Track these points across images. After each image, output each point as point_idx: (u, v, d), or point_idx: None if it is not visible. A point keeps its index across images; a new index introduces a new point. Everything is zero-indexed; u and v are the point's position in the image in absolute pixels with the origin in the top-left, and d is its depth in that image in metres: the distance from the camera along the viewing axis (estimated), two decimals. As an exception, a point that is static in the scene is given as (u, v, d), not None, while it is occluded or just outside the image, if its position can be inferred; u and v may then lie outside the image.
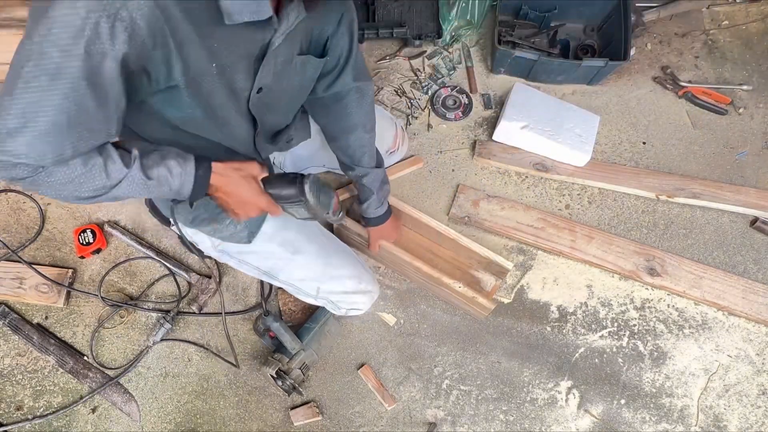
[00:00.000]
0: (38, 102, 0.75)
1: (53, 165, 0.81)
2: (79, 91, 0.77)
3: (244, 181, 1.06)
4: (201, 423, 1.54)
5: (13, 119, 0.75)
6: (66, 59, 0.73)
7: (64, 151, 0.81)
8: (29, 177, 0.81)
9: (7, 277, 1.63)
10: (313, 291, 1.39)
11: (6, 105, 0.75)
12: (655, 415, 1.58)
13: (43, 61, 0.73)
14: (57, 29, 0.72)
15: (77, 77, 0.75)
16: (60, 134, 0.78)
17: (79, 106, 0.78)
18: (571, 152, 1.77)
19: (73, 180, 0.84)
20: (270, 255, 1.33)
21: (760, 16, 2.12)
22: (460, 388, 1.59)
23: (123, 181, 0.89)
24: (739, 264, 1.73)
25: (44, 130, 0.77)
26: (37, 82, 0.74)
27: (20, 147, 0.76)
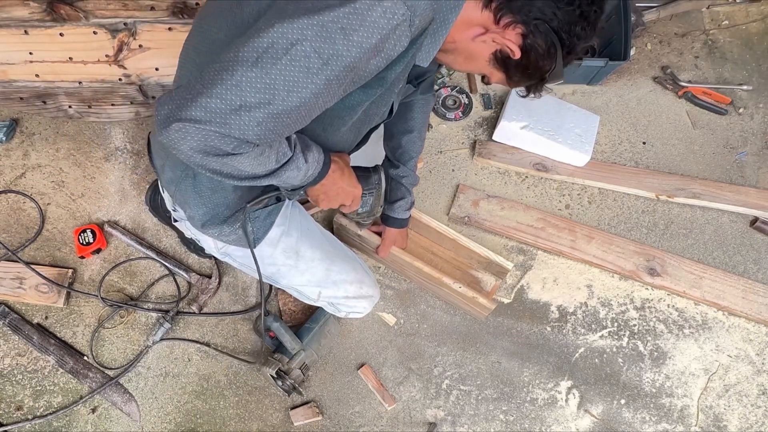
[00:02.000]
0: (296, 81, 0.74)
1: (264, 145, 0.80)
2: (341, 80, 0.77)
3: (347, 169, 1.13)
4: (201, 423, 1.54)
5: (256, 94, 0.73)
6: (349, 49, 0.74)
7: (284, 134, 0.81)
8: (236, 154, 0.79)
9: (7, 277, 1.63)
10: (314, 295, 1.40)
11: (249, 78, 0.72)
12: (655, 415, 1.58)
13: (323, 44, 0.72)
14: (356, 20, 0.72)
15: (350, 67, 0.76)
16: (298, 116, 0.78)
17: (330, 93, 0.79)
18: (571, 152, 1.77)
19: (258, 160, 0.84)
20: (273, 261, 1.33)
21: (760, 16, 2.12)
22: (460, 388, 1.59)
23: (288, 164, 0.91)
24: (739, 264, 1.73)
25: (286, 109, 0.76)
26: (305, 62, 0.73)
27: (251, 123, 0.74)
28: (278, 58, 0.72)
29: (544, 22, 0.82)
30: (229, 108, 0.73)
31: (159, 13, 1.55)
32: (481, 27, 0.86)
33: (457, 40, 0.89)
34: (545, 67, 0.88)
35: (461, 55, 0.94)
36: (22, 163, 1.79)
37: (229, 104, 0.73)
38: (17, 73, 1.69)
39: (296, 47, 0.72)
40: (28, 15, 1.54)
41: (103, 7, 1.53)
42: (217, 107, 0.72)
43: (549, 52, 0.85)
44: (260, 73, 0.72)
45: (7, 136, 1.80)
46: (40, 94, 1.75)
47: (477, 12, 0.85)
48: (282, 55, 0.72)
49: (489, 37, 0.87)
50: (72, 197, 1.76)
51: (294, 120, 0.80)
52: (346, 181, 1.13)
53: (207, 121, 0.73)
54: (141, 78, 1.70)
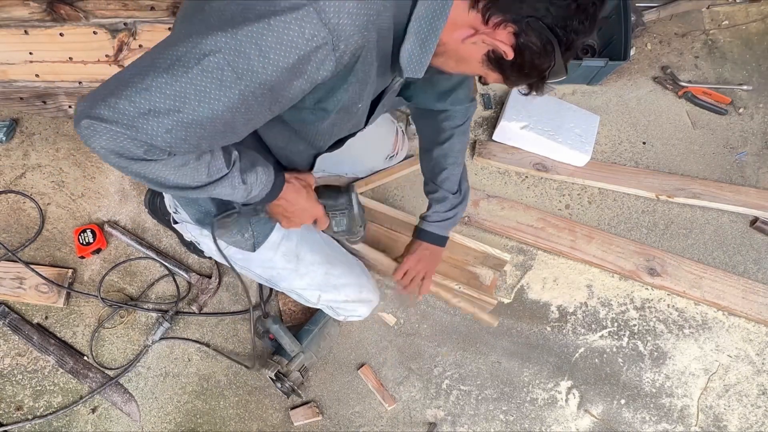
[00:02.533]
0: (207, 92, 0.73)
1: (179, 154, 0.78)
2: (258, 98, 0.76)
3: (304, 191, 1.10)
4: (201, 423, 1.54)
5: (165, 100, 0.72)
6: (264, 66, 0.72)
7: (201, 145, 0.79)
8: (148, 160, 0.77)
9: (7, 277, 1.63)
10: (314, 298, 1.40)
11: (159, 84, 0.71)
12: (655, 415, 1.58)
13: (237, 59, 0.71)
14: (271, 38, 0.70)
15: (266, 85, 0.74)
16: (210, 129, 0.76)
17: (248, 109, 0.77)
18: (571, 152, 1.77)
19: (180, 171, 0.82)
20: (273, 265, 1.32)
21: (760, 16, 2.12)
22: (460, 388, 1.59)
23: (222, 180, 0.89)
24: (739, 264, 1.73)
25: (196, 120, 0.74)
26: (218, 74, 0.72)
27: (160, 129, 0.73)
28: (190, 68, 0.71)
29: (536, 19, 0.77)
30: (137, 111, 0.72)
31: (159, 13, 1.55)
32: (469, 28, 0.82)
33: (446, 42, 0.85)
34: (543, 65, 0.84)
35: (452, 58, 0.90)
36: (22, 163, 1.79)
37: (137, 107, 0.71)
38: (17, 73, 1.69)
39: (209, 58, 0.71)
40: (28, 15, 1.54)
41: (103, 7, 1.53)
42: (125, 109, 0.71)
43: (545, 49, 0.80)
44: (170, 80, 0.71)
45: (7, 136, 1.80)
46: (40, 94, 1.75)
47: (464, 13, 0.81)
48: (194, 64, 0.71)
49: (479, 39, 0.82)
50: (72, 197, 1.76)
51: (210, 132, 0.77)
52: (304, 202, 1.11)
53: (114, 121, 0.71)
54: (141, 78, 1.70)
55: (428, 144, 1.35)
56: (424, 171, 1.40)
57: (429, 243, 1.40)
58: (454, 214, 1.38)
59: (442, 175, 1.34)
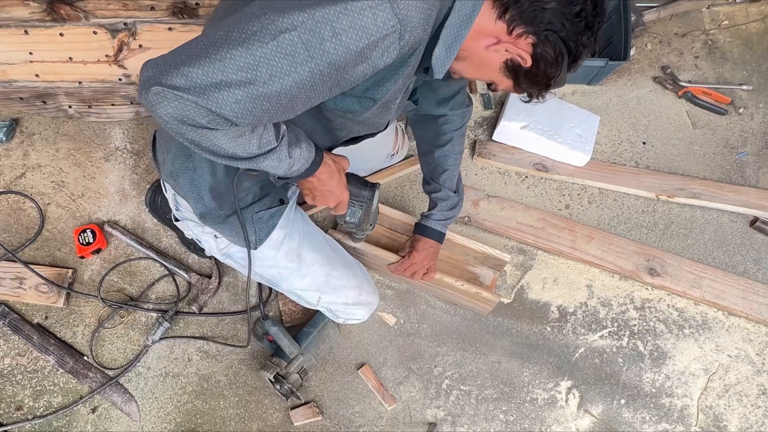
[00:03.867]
0: (279, 67, 0.76)
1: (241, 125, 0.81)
2: (325, 77, 0.79)
3: (337, 173, 1.14)
4: (201, 423, 1.54)
5: (238, 72, 0.74)
6: (336, 47, 0.76)
7: (264, 118, 0.82)
8: (210, 128, 0.79)
9: (7, 277, 1.63)
10: (314, 300, 1.40)
11: (234, 56, 0.73)
12: (655, 415, 1.58)
13: (311, 37, 0.74)
14: (346, 21, 0.74)
15: (335, 65, 0.77)
16: (277, 103, 0.80)
17: (313, 88, 0.80)
18: (571, 152, 1.77)
19: (236, 141, 0.85)
20: (274, 264, 1.32)
21: (760, 16, 2.12)
22: (460, 388, 1.59)
23: (271, 153, 0.93)
24: (739, 264, 1.73)
25: (266, 93, 0.77)
26: (291, 50, 0.75)
27: (230, 100, 0.76)
28: (265, 42, 0.74)
29: (553, 33, 0.86)
30: (210, 81, 0.74)
31: (159, 13, 1.55)
32: (494, 37, 0.89)
33: (470, 48, 0.92)
34: (552, 74, 0.93)
35: (473, 63, 0.96)
36: (22, 163, 1.79)
37: (210, 77, 0.74)
38: (17, 73, 1.69)
39: (284, 35, 0.74)
40: (28, 15, 1.54)
41: (103, 7, 1.53)
42: (199, 78, 0.73)
43: (557, 60, 0.90)
44: (245, 53, 0.74)
45: (7, 136, 1.80)
46: (40, 94, 1.75)
47: (491, 22, 0.88)
48: (269, 39, 0.74)
49: (502, 47, 0.89)
50: (72, 197, 1.76)
51: (275, 107, 0.80)
52: (335, 184, 1.14)
53: (186, 89, 0.73)
54: (141, 78, 1.70)
55: (428, 147, 1.41)
56: (425, 172, 1.46)
57: (431, 239, 1.46)
58: (453, 213, 1.46)
59: (443, 175, 1.41)
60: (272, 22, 0.74)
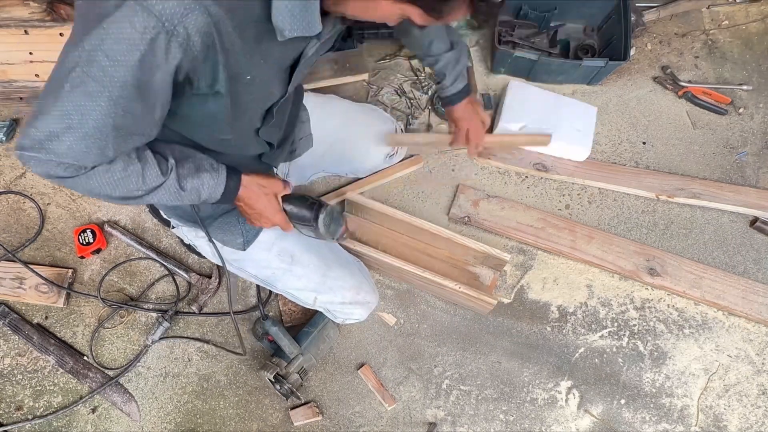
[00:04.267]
0: (83, 105, 0.78)
1: (94, 166, 0.85)
2: (127, 98, 0.79)
3: (264, 197, 1.12)
4: (201, 423, 1.54)
5: (57, 121, 0.78)
6: (116, 68, 0.75)
7: (106, 153, 0.84)
8: (70, 177, 0.84)
9: (7, 277, 1.63)
10: (310, 300, 1.40)
11: (50, 107, 0.78)
12: (655, 415, 1.58)
13: (92, 68, 0.75)
14: (111, 41, 0.73)
15: (127, 84, 0.77)
16: (103, 136, 0.81)
17: (126, 110, 0.80)
18: (571, 147, 1.77)
19: (111, 182, 0.88)
20: (267, 264, 1.32)
21: (760, 16, 2.12)
22: (460, 388, 1.59)
23: (159, 188, 0.93)
24: (739, 264, 1.73)
25: (87, 132, 0.80)
26: (83, 87, 0.76)
27: (63, 147, 0.79)
28: (62, 87, 0.77)
29: None
30: (43, 135, 0.79)
31: (159, 13, 1.55)
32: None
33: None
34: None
35: (358, 4, 0.83)
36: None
37: (42, 131, 0.79)
38: (17, 73, 1.69)
39: (71, 75, 0.76)
40: (28, 15, 1.54)
41: (103, 7, 1.53)
42: (35, 135, 0.79)
43: None
44: (54, 102, 0.78)
45: (7, 136, 1.80)
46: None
47: None
48: (64, 83, 0.77)
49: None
50: (72, 197, 1.76)
51: (107, 140, 0.82)
52: (263, 208, 1.13)
53: (30, 147, 0.80)
54: (141, 78, 1.70)
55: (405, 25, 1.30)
56: (416, 50, 1.42)
57: (461, 101, 1.45)
58: (462, 66, 1.41)
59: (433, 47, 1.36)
60: (61, 65, 0.77)
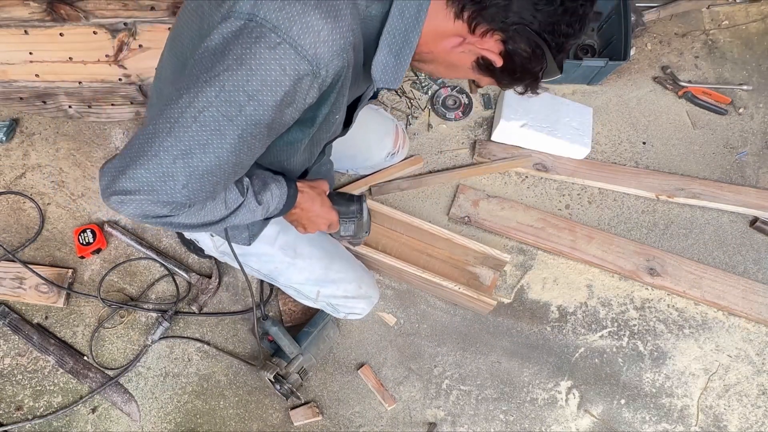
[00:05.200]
0: (209, 144, 0.77)
1: (199, 203, 0.83)
2: (256, 136, 0.80)
3: (318, 198, 1.15)
4: (201, 423, 1.54)
5: (175, 161, 0.77)
6: (255, 108, 0.76)
7: (218, 189, 0.84)
8: (167, 216, 0.82)
9: (7, 277, 1.63)
10: (312, 294, 1.40)
11: (166, 148, 0.76)
12: (655, 415, 1.58)
13: (229, 108, 0.75)
14: (256, 82, 0.74)
15: (261, 123, 0.78)
16: (222, 174, 0.81)
17: (249, 147, 0.81)
18: (571, 146, 1.77)
19: (199, 214, 0.86)
20: (270, 259, 1.32)
21: (760, 16, 2.12)
22: (460, 388, 1.59)
23: (240, 209, 0.93)
24: (739, 264, 1.73)
25: (207, 170, 0.79)
26: (214, 125, 0.76)
27: (177, 187, 0.78)
28: (188, 126, 0.75)
29: (523, 26, 0.77)
30: (154, 176, 0.76)
31: (159, 13, 1.55)
32: (457, 37, 0.82)
33: (433, 51, 0.86)
34: (534, 68, 0.84)
35: (442, 65, 0.91)
36: (22, 163, 1.79)
37: (153, 173, 0.76)
38: (17, 73, 1.69)
39: (203, 114, 0.75)
40: (28, 15, 1.54)
41: (103, 7, 1.53)
42: (144, 177, 0.76)
43: (535, 54, 0.81)
44: (174, 142, 0.76)
45: (7, 136, 1.80)
46: (40, 94, 1.75)
47: (449, 22, 0.81)
48: (192, 122, 0.75)
49: (466, 48, 0.83)
50: (72, 197, 1.76)
51: (220, 176, 0.82)
52: (319, 209, 1.15)
53: (137, 191, 0.77)
54: (141, 78, 1.70)
55: None
56: None
57: None
58: None
59: None
60: (189, 105, 0.75)
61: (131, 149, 0.78)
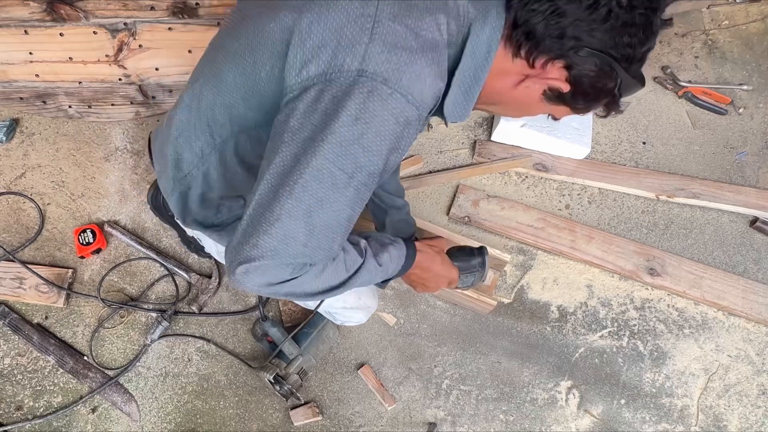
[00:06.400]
0: (326, 199, 0.78)
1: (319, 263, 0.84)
2: (369, 185, 0.81)
3: (438, 257, 1.15)
4: (201, 423, 1.54)
5: (297, 221, 0.77)
6: (370, 159, 0.77)
7: (334, 248, 0.84)
8: (290, 280, 0.82)
9: (7, 277, 1.63)
10: (313, 303, 1.40)
11: (289, 208, 0.77)
12: (655, 415, 1.58)
13: (345, 162, 0.76)
14: (372, 135, 0.76)
15: (375, 172, 0.80)
16: (339, 228, 0.82)
17: (362, 199, 0.82)
18: (571, 146, 1.77)
19: (320, 277, 0.86)
20: None
21: (760, 16, 2.12)
22: (460, 388, 1.59)
23: (360, 271, 0.93)
24: (739, 264, 1.73)
25: (325, 226, 0.80)
26: (331, 180, 0.77)
27: (298, 247, 0.79)
28: (308, 185, 0.76)
29: (583, 47, 0.76)
30: (276, 240, 0.77)
31: (159, 13, 1.55)
32: (519, 75, 0.83)
33: (500, 91, 0.88)
34: (608, 85, 0.81)
35: (511, 105, 0.92)
36: (22, 163, 1.79)
37: (275, 237, 0.77)
38: (17, 73, 1.69)
39: (322, 172, 0.76)
40: (28, 15, 1.54)
41: (103, 7, 1.53)
42: (267, 243, 0.77)
43: (603, 71, 0.79)
44: (295, 203, 0.77)
45: (7, 136, 1.80)
46: (40, 94, 1.75)
47: (509, 62, 0.83)
48: (311, 181, 0.76)
49: (531, 82, 0.83)
50: (72, 197, 1.76)
51: (338, 231, 0.82)
52: (440, 268, 1.15)
53: (260, 256, 0.77)
54: (141, 78, 1.70)
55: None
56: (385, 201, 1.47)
57: None
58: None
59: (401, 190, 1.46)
60: (308, 165, 0.76)
61: (252, 218, 0.79)
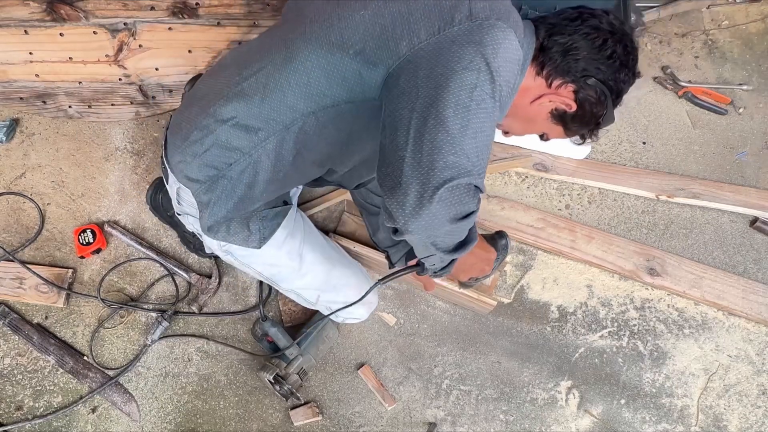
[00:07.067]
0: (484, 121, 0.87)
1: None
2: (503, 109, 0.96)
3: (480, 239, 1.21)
4: (201, 423, 1.54)
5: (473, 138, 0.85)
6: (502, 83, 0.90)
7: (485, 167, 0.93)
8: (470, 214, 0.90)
9: (7, 277, 1.63)
10: (313, 298, 1.41)
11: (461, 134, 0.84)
12: (655, 415, 1.58)
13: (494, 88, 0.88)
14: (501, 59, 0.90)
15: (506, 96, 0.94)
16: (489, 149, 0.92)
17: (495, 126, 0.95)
18: (571, 146, 1.77)
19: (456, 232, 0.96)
20: (275, 262, 1.33)
21: (760, 16, 2.12)
22: (460, 388, 1.59)
23: (467, 240, 1.00)
24: (739, 264, 1.73)
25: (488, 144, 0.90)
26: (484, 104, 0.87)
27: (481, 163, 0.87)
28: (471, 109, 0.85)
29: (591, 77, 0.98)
30: (469, 161, 0.84)
31: (159, 13, 1.55)
32: (536, 92, 1.02)
33: (517, 105, 1.03)
34: (599, 113, 1.04)
35: (520, 119, 1.08)
36: (22, 163, 1.79)
37: (470, 157, 0.85)
38: (17, 73, 1.69)
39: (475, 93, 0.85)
40: (28, 15, 1.54)
41: (103, 7, 1.53)
42: (456, 161, 0.83)
43: (600, 99, 1.02)
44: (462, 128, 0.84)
45: (7, 136, 1.80)
46: (40, 94, 1.75)
47: (531, 80, 1.01)
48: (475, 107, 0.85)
49: (545, 99, 1.02)
50: (72, 197, 1.76)
51: (489, 154, 0.92)
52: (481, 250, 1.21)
53: (456, 175, 0.83)
54: (141, 78, 1.70)
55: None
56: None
57: None
58: None
59: None
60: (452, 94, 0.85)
61: (423, 150, 0.83)
